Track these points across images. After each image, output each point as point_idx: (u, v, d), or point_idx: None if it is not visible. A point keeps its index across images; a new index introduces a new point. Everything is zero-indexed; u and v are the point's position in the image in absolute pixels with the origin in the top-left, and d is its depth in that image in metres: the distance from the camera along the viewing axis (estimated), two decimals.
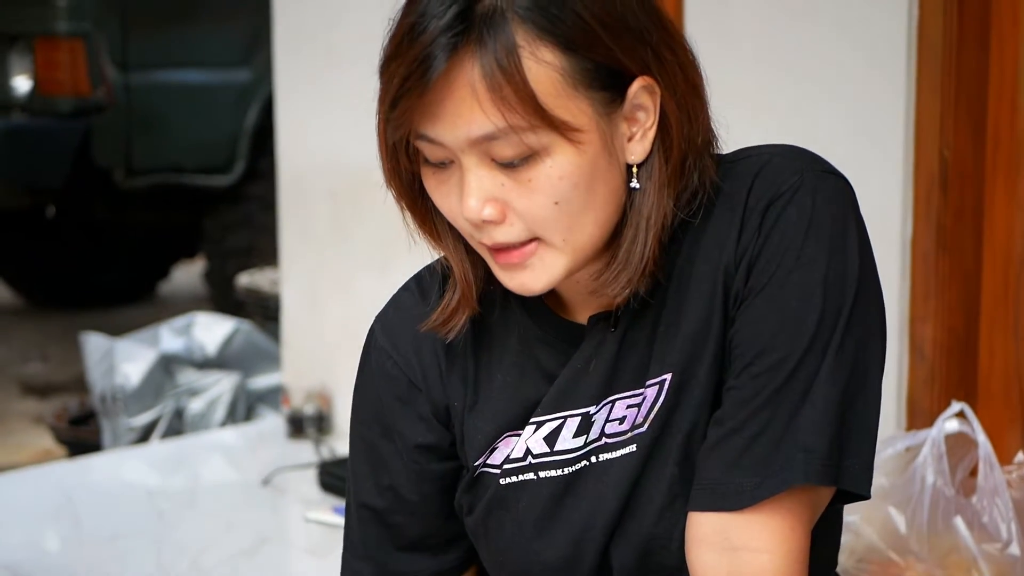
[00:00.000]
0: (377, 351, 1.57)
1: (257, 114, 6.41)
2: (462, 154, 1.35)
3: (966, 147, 2.68)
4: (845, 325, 1.37)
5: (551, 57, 1.31)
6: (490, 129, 1.32)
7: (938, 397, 2.69)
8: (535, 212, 1.35)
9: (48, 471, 4.05)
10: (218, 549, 3.29)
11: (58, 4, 6.05)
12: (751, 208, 1.39)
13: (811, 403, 1.36)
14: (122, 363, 4.43)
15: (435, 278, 1.57)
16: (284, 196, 4.20)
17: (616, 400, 1.46)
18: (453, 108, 1.32)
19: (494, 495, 1.51)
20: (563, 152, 1.34)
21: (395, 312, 1.59)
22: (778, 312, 1.37)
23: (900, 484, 2.34)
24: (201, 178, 6.48)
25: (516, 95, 1.30)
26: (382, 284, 3.83)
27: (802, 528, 1.38)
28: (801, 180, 1.39)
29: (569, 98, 1.33)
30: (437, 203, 1.42)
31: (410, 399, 1.55)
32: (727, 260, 1.40)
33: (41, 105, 6.14)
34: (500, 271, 1.41)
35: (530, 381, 1.50)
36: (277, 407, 4.38)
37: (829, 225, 1.38)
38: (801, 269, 1.37)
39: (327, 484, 3.58)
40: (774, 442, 1.36)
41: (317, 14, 3.98)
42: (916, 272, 2.71)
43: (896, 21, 2.67)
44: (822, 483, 1.36)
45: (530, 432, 1.49)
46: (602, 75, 1.34)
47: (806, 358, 1.36)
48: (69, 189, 6.48)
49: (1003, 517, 2.30)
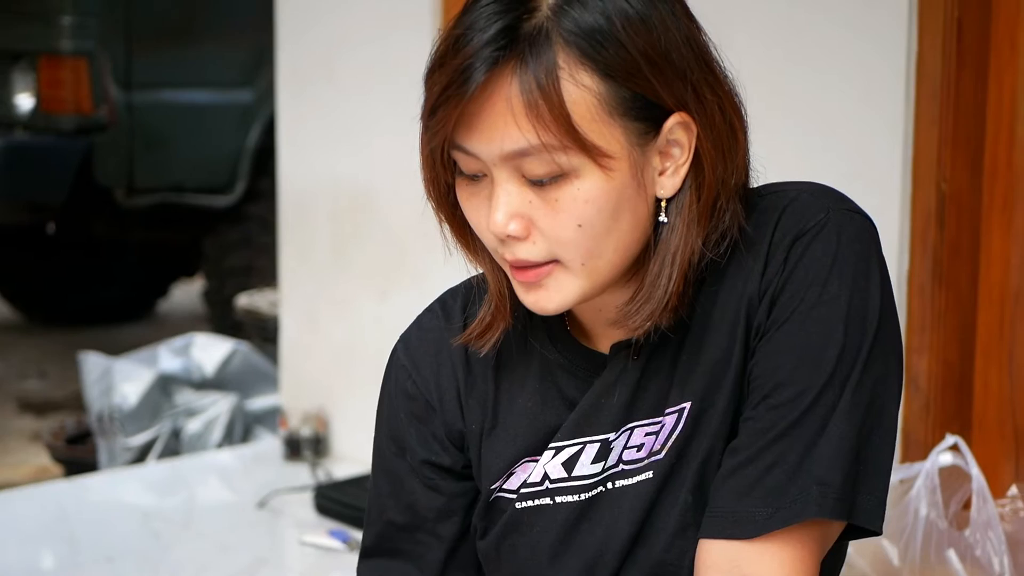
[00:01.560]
0: (398, 369, 1.60)
1: (258, 135, 6.42)
2: (494, 168, 1.37)
3: (963, 180, 2.70)
4: (864, 362, 1.38)
5: (589, 82, 1.34)
6: (523, 145, 1.34)
7: (933, 429, 2.70)
8: (558, 232, 1.37)
9: (44, 490, 4.06)
10: (213, 571, 3.29)
11: (62, 23, 6.06)
12: (776, 243, 1.41)
13: (827, 437, 1.37)
14: (120, 383, 4.44)
15: (458, 300, 1.59)
16: (284, 217, 4.21)
17: (635, 427, 1.47)
18: (489, 121, 1.35)
19: (509, 519, 1.52)
20: (591, 176, 1.36)
21: (418, 332, 1.61)
22: (799, 346, 1.38)
23: (894, 516, 2.34)
24: (202, 198, 6.49)
25: (551, 114, 1.32)
26: (381, 307, 3.88)
27: (811, 560, 1.39)
28: (827, 218, 1.41)
29: (603, 124, 1.35)
30: (468, 215, 1.44)
31: (426, 418, 1.57)
32: (751, 292, 1.42)
33: (44, 123, 6.15)
34: (518, 287, 1.43)
35: (551, 407, 1.52)
36: (274, 429, 4.38)
37: (853, 263, 1.39)
38: (824, 305, 1.38)
39: (323, 507, 3.58)
40: (789, 474, 1.37)
41: (320, 37, 4.00)
42: (912, 305, 2.72)
43: (895, 54, 2.68)
44: (835, 517, 1.37)
45: (549, 457, 1.50)
46: (639, 106, 1.36)
47: (824, 392, 1.37)
48: (70, 207, 6.49)
49: (996, 550, 2.31)
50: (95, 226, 6.91)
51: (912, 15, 2.66)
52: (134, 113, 6.25)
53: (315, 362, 4.14)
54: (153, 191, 6.43)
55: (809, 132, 2.80)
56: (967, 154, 2.69)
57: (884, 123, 2.71)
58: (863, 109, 2.75)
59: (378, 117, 3.82)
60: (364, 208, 3.91)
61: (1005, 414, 2.73)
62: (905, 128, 2.69)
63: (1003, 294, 2.69)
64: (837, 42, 2.77)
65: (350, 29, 3.89)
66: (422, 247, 3.73)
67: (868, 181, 2.70)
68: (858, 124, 2.76)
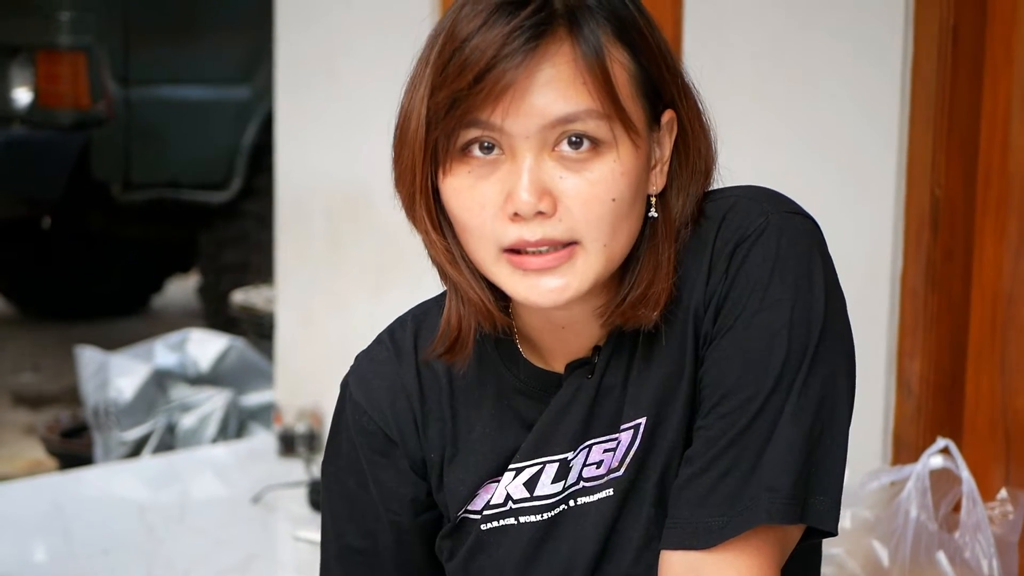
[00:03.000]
0: (352, 405, 1.58)
1: (255, 131, 6.42)
2: (524, 142, 1.36)
3: (957, 186, 2.70)
4: (810, 364, 1.39)
5: (624, 58, 1.37)
6: (573, 109, 1.35)
7: (924, 432, 2.71)
8: (592, 208, 1.36)
9: (39, 483, 4.07)
10: (207, 565, 3.30)
11: (61, 18, 6.07)
12: (718, 251, 1.42)
13: (775, 443, 1.38)
14: (116, 377, 4.44)
15: (407, 331, 1.58)
16: (281, 214, 4.22)
17: (593, 445, 1.48)
18: (539, 87, 1.34)
19: (475, 540, 1.53)
20: (626, 148, 1.37)
21: (369, 366, 1.59)
22: (744, 353, 1.39)
23: (884, 518, 2.36)
24: (198, 194, 6.49)
25: (599, 81, 1.35)
26: (376, 304, 3.89)
27: (770, 566, 1.40)
28: (767, 222, 1.41)
29: (634, 101, 1.38)
30: (465, 205, 1.39)
31: (389, 453, 1.56)
32: (696, 303, 1.42)
33: (41, 117, 6.16)
34: (521, 282, 1.39)
35: (509, 430, 1.52)
36: (269, 425, 4.39)
37: (794, 266, 1.40)
38: (766, 310, 1.39)
39: (317, 503, 3.59)
40: (740, 481, 1.38)
41: (319, 34, 4.01)
42: (905, 309, 2.73)
43: (890, 59, 2.69)
44: (786, 522, 1.38)
45: (509, 478, 1.51)
46: (653, 92, 1.40)
47: (771, 398, 1.38)
48: (66, 201, 6.50)
49: (985, 553, 2.32)
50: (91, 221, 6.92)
51: (908, 20, 2.67)
52: (131, 108, 6.26)
53: (310, 358, 4.15)
54: (150, 186, 6.44)
55: (804, 137, 2.81)
56: (961, 159, 2.70)
57: (879, 128, 2.72)
58: (858, 114, 2.76)
59: (376, 116, 3.81)
60: (360, 206, 3.92)
61: (996, 418, 2.74)
62: (900, 133, 2.70)
63: (995, 299, 2.70)
64: (832, 47, 2.78)
65: (349, 27, 3.90)
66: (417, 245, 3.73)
67: (863, 185, 2.71)
68: (853, 129, 2.77)
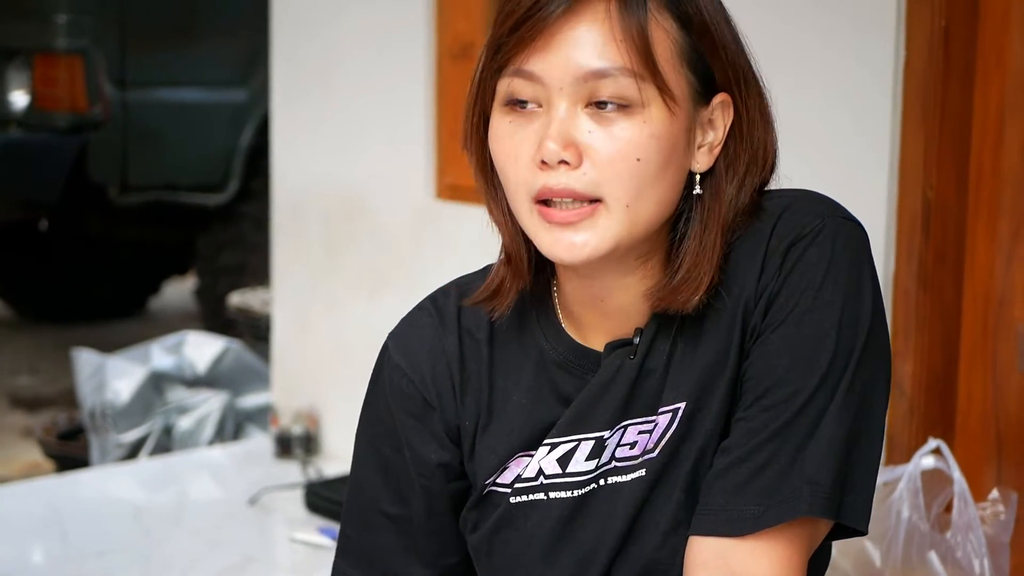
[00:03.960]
0: (391, 368, 1.60)
1: (252, 134, 6.44)
2: (558, 93, 1.40)
3: (949, 187, 2.72)
4: (855, 367, 1.42)
5: (670, 27, 1.41)
6: (606, 65, 1.38)
7: (916, 433, 2.72)
8: (616, 164, 1.39)
9: (36, 486, 4.08)
10: (203, 567, 3.31)
11: (57, 21, 6.09)
12: (773, 248, 1.45)
13: (818, 438, 1.40)
14: (112, 379, 4.45)
15: (450, 299, 1.60)
16: (277, 217, 4.23)
17: (629, 426, 1.50)
18: (574, 40, 1.39)
19: (503, 513, 1.54)
20: (659, 112, 1.40)
21: (410, 330, 1.61)
22: (793, 349, 1.42)
23: (876, 518, 2.37)
24: (195, 196, 6.51)
25: (637, 41, 1.38)
26: (372, 307, 3.90)
27: (799, 558, 1.42)
28: (823, 224, 1.45)
29: (675, 68, 1.41)
30: (504, 151, 1.44)
31: (424, 417, 1.58)
32: (747, 296, 1.45)
33: (38, 120, 6.17)
34: (547, 235, 1.43)
35: (546, 404, 1.54)
36: (265, 427, 4.40)
37: (846, 270, 1.43)
38: (818, 310, 1.42)
39: (313, 505, 3.60)
40: (780, 473, 1.40)
41: (314, 38, 4.02)
42: (897, 310, 2.74)
43: (882, 61, 2.70)
44: (824, 516, 1.41)
45: (544, 453, 1.53)
46: (703, 66, 1.43)
47: (816, 395, 1.41)
48: (63, 204, 6.51)
49: (976, 553, 2.33)
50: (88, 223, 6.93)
51: (900, 23, 2.68)
52: (128, 111, 6.28)
53: (307, 361, 4.16)
54: (146, 189, 6.45)
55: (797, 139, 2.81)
56: (953, 161, 2.71)
57: (871, 130, 2.73)
58: (850, 116, 2.77)
59: (372, 121, 3.84)
60: (356, 210, 3.94)
61: (988, 419, 2.75)
62: (892, 134, 2.71)
63: (987, 300, 2.72)
64: (824, 49, 2.79)
65: (345, 32, 3.91)
66: (413, 249, 3.76)
67: (855, 186, 2.72)
68: (845, 130, 2.78)
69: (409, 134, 3.69)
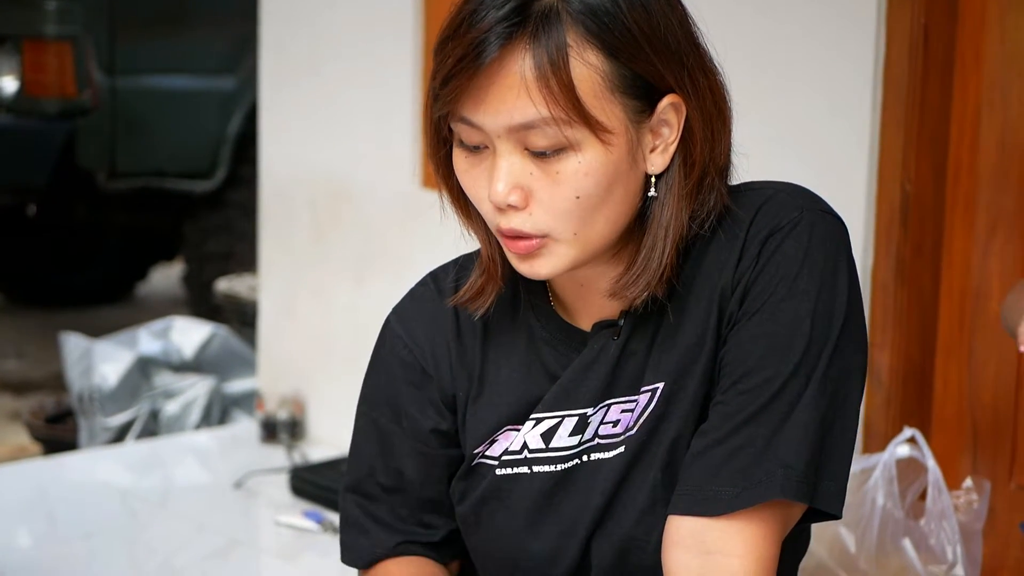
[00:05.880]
0: (393, 338, 1.65)
1: (240, 121, 6.44)
2: (498, 140, 1.43)
3: (927, 182, 2.75)
4: (830, 356, 1.45)
5: (595, 60, 1.41)
6: (532, 117, 1.40)
7: (893, 422, 2.75)
8: (556, 204, 1.43)
9: (23, 468, 4.10)
10: (189, 550, 3.33)
11: (47, 7, 6.09)
12: (752, 237, 1.48)
13: (793, 423, 1.43)
14: (100, 364, 4.47)
15: (449, 276, 1.65)
16: (264, 204, 4.25)
17: (612, 404, 1.54)
18: (499, 94, 1.40)
19: (489, 485, 1.58)
20: (592, 150, 1.42)
21: (412, 303, 1.66)
22: (768, 336, 1.45)
23: (851, 505, 2.40)
24: (183, 183, 6.51)
25: (560, 89, 1.39)
26: (358, 294, 3.93)
27: (773, 539, 1.45)
28: (801, 216, 1.48)
29: (606, 100, 1.42)
30: (465, 186, 1.49)
31: (422, 385, 1.62)
32: (724, 283, 1.49)
33: (27, 106, 6.17)
34: (513, 258, 1.49)
35: (534, 379, 1.58)
36: (251, 412, 4.43)
37: (822, 261, 1.47)
38: (793, 299, 1.45)
39: (298, 489, 3.63)
40: (756, 456, 1.43)
41: (303, 26, 4.04)
42: (875, 302, 2.78)
43: (863, 58, 2.73)
44: (798, 499, 1.44)
45: (529, 427, 1.57)
46: (638, 85, 1.43)
47: (791, 381, 1.44)
48: (51, 189, 6.51)
49: (949, 540, 2.37)
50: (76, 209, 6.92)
51: (880, 20, 2.71)
52: (117, 98, 6.27)
53: (292, 346, 4.18)
54: (134, 175, 6.45)
55: (778, 133, 2.85)
56: (931, 156, 2.74)
57: (851, 125, 2.76)
58: (831, 111, 2.80)
59: (359, 109, 3.86)
60: (343, 198, 3.96)
61: (963, 409, 2.79)
62: (871, 130, 2.74)
63: (964, 293, 2.75)
64: (805, 45, 2.82)
65: (333, 21, 3.93)
66: (398, 236, 3.79)
67: (834, 180, 2.75)
68: (826, 125, 2.80)
69: (396, 122, 3.72)
